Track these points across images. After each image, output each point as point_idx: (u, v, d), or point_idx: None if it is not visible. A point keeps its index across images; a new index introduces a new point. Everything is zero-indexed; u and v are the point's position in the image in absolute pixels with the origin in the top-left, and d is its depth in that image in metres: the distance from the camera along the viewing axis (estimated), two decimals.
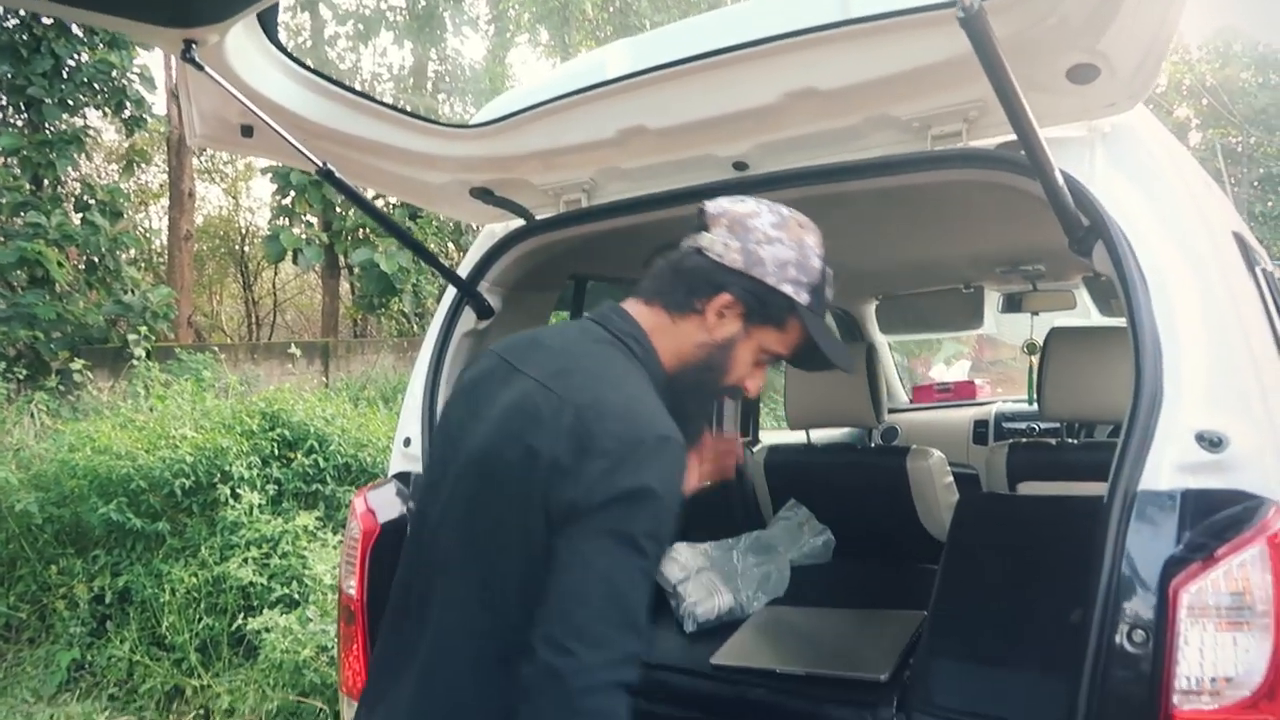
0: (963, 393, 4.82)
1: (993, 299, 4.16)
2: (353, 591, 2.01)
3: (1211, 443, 1.29)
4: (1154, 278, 1.41)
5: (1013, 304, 4.00)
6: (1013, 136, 1.34)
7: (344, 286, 12.51)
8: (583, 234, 2.08)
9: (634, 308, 1.42)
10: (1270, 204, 20.02)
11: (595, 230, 2.05)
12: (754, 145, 1.83)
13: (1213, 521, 1.25)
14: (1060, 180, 1.41)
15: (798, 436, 3.45)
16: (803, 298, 1.38)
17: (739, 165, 1.89)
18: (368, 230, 10.48)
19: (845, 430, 4.22)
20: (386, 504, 2.05)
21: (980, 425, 4.28)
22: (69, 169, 8.75)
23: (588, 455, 1.18)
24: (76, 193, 9.11)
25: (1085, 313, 4.06)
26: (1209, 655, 1.20)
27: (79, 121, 8.84)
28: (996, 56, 1.20)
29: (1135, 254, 1.43)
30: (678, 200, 1.90)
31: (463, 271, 2.16)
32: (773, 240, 1.37)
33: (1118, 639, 1.25)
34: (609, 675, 1.11)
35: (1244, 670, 1.18)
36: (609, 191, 2.08)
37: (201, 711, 4.15)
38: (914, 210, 2.51)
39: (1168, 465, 1.30)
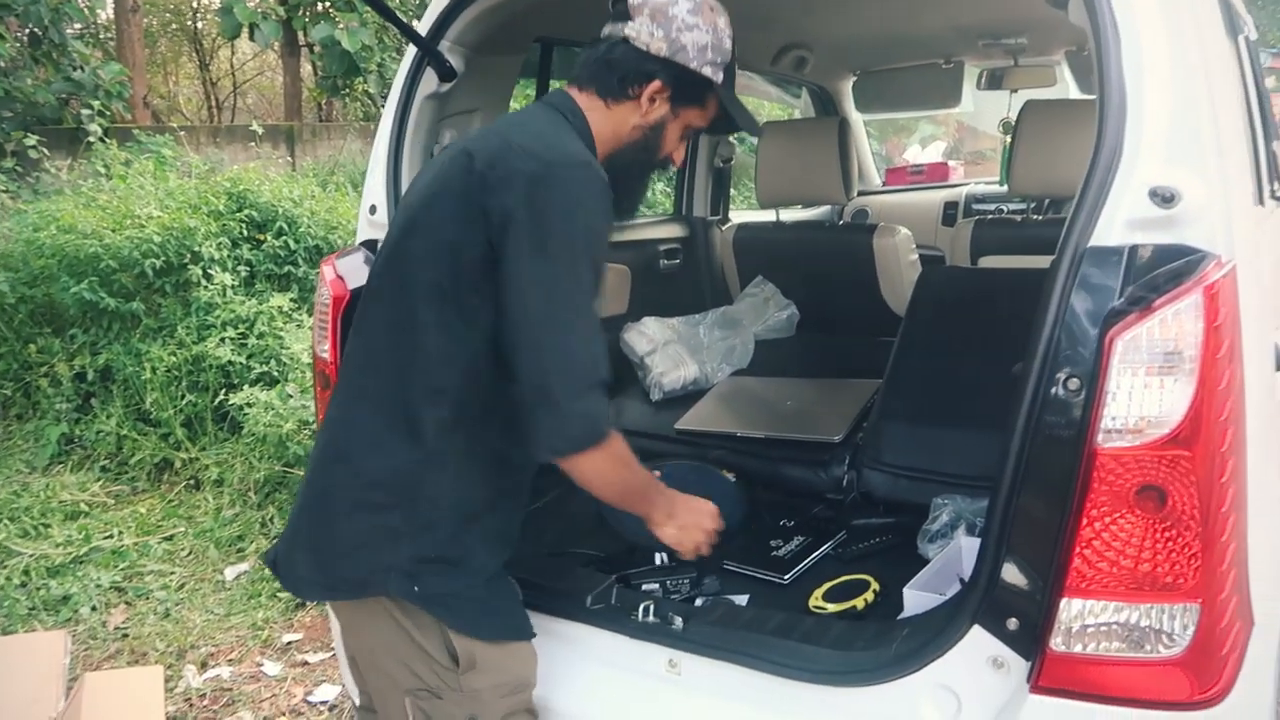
0: (935, 174, 4.77)
1: (972, 78, 4.06)
2: (326, 355, 2.06)
3: (1164, 198, 1.29)
4: (1127, 29, 1.37)
5: (993, 80, 3.90)
6: None
7: (305, 69, 11.91)
8: None
9: (572, 93, 1.57)
10: None
11: None
12: None
13: (1155, 275, 1.27)
14: None
15: (768, 218, 3.45)
16: (718, 77, 1.54)
17: None
18: (327, 4, 9.85)
19: (816, 211, 4.22)
20: (355, 270, 2.04)
21: (950, 207, 4.27)
22: None
23: (509, 184, 1.34)
24: None
25: (1065, 91, 3.96)
26: (1136, 398, 1.25)
27: None
28: None
29: (1111, 3, 1.38)
30: None
31: (422, 29, 2.07)
32: (691, 27, 1.49)
33: (1054, 389, 1.30)
34: (585, 381, 1.35)
35: (1166, 410, 1.24)
36: None
37: (191, 482, 4.32)
38: None
39: (1119, 222, 1.30)
